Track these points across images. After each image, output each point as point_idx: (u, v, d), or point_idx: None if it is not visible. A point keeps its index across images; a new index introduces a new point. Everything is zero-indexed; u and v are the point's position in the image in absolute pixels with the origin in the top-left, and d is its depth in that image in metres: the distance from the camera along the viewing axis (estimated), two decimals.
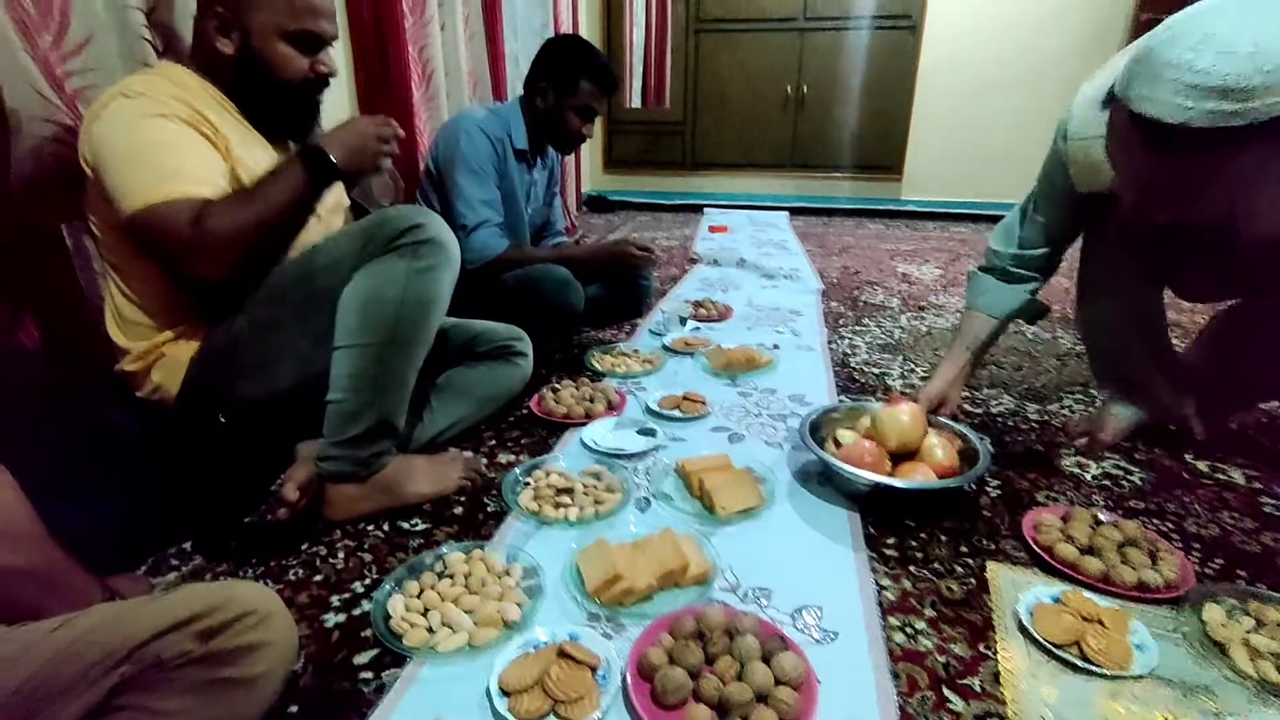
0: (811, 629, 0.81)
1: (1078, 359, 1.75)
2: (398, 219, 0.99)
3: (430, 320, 1.01)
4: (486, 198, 1.61)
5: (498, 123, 1.65)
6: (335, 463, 0.98)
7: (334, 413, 0.98)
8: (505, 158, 1.65)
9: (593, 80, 1.62)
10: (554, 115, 1.65)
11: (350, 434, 0.98)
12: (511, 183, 1.68)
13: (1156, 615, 0.84)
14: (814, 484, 1.13)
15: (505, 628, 0.79)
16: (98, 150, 0.90)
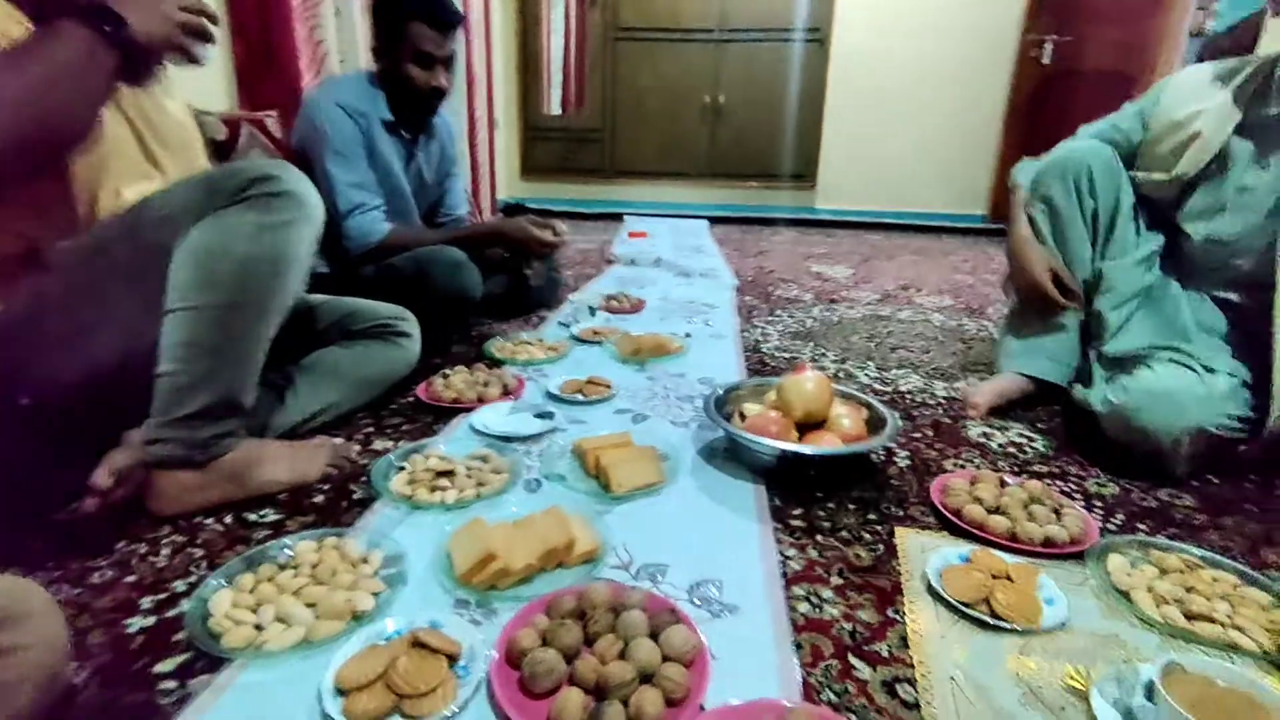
0: (710, 603, 0.73)
1: (981, 343, 1.78)
2: (248, 168, 0.86)
3: (283, 282, 0.88)
4: (356, 180, 1.46)
5: (357, 96, 1.48)
6: (165, 445, 0.84)
7: (165, 387, 0.83)
8: (372, 133, 1.49)
9: (421, 19, 1.43)
10: (395, 73, 1.47)
11: (184, 411, 0.83)
12: (386, 160, 1.52)
13: (1063, 570, 0.80)
14: (719, 460, 1.06)
15: (353, 620, 0.67)
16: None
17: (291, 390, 1.09)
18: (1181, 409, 0.97)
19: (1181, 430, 0.97)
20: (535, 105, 4.27)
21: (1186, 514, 0.95)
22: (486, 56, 3.52)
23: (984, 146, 4.01)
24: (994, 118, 3.96)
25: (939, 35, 3.87)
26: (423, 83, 1.47)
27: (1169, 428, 0.97)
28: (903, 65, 3.95)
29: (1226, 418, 0.98)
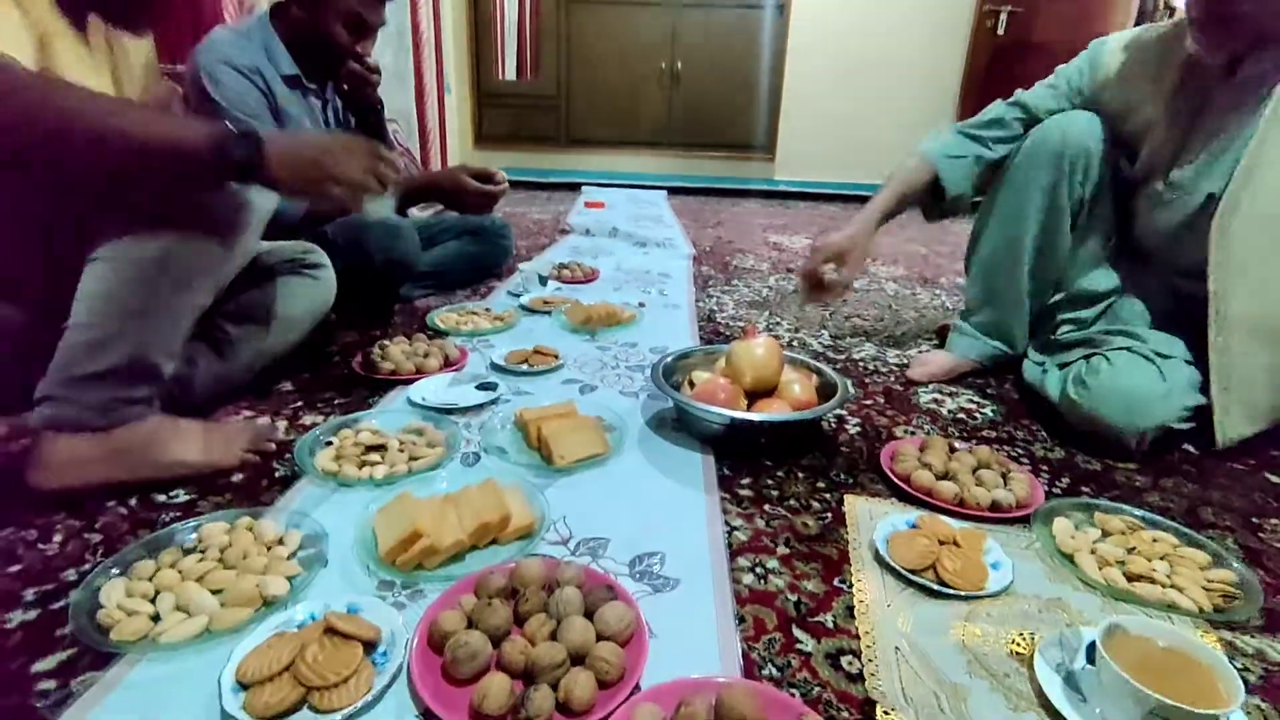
0: (650, 577, 0.70)
1: (935, 310, 1.78)
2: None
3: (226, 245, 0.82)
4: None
5: (250, 51, 1.28)
6: (60, 405, 0.76)
7: (71, 340, 0.76)
8: (271, 90, 1.30)
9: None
10: (312, 27, 1.30)
11: (90, 369, 0.76)
12: (295, 120, 1.35)
13: (1010, 534, 0.80)
14: (668, 430, 1.02)
15: (265, 606, 0.62)
16: None
17: (226, 339, 1.02)
18: (1145, 408, 0.96)
19: (1145, 429, 0.96)
20: (488, 71, 4.11)
21: (1128, 476, 0.96)
22: (434, 18, 3.37)
23: (941, 117, 4.01)
24: (950, 88, 3.97)
25: (897, 5, 3.84)
26: (346, 45, 1.32)
27: (1131, 426, 0.96)
28: (862, 35, 3.91)
29: (1185, 410, 0.98)
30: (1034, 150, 1.15)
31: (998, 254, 1.22)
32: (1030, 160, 1.15)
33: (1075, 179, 1.12)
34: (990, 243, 1.24)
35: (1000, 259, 1.22)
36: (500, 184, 1.62)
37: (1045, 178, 1.14)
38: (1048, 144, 1.13)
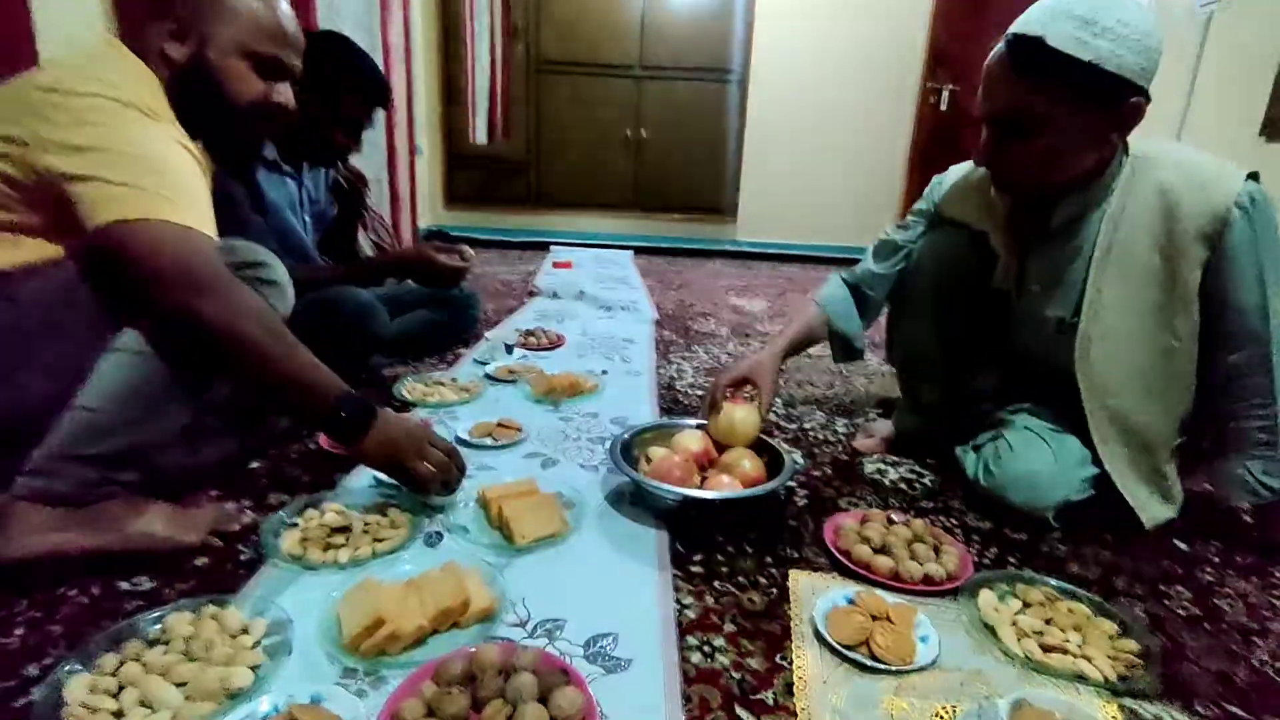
0: (603, 658, 0.74)
1: (883, 377, 1.87)
2: (244, 250, 0.92)
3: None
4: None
5: None
6: (50, 479, 0.79)
7: (81, 421, 0.80)
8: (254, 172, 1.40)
9: (364, 97, 1.46)
10: (313, 127, 1.42)
11: (88, 451, 0.80)
12: (272, 202, 1.42)
13: (940, 607, 0.86)
14: (626, 505, 1.07)
15: (229, 699, 0.64)
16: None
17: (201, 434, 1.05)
18: (1046, 489, 1.04)
19: (1047, 506, 1.05)
20: (459, 134, 4.23)
21: (1051, 546, 1.03)
22: (407, 83, 3.49)
23: (890, 182, 4.27)
24: (899, 157, 4.23)
25: (849, 81, 4.11)
26: (342, 144, 1.48)
27: (1035, 505, 1.05)
28: (817, 106, 4.16)
29: (1082, 483, 1.06)
30: (918, 269, 1.28)
31: (910, 356, 1.35)
32: (917, 279, 1.28)
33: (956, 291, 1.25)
34: (901, 346, 1.36)
35: (914, 359, 1.34)
36: (468, 260, 1.68)
37: (930, 293, 1.27)
38: (927, 265, 1.27)
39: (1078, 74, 0.90)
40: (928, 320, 1.29)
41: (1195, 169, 0.98)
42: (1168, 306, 1.00)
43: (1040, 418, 1.13)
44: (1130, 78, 0.90)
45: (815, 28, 4.04)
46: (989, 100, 0.98)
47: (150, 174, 0.79)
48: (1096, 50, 0.89)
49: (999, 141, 1.00)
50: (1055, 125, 0.94)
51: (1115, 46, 0.89)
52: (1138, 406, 1.05)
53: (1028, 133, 0.96)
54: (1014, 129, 0.97)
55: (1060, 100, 0.93)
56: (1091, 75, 0.90)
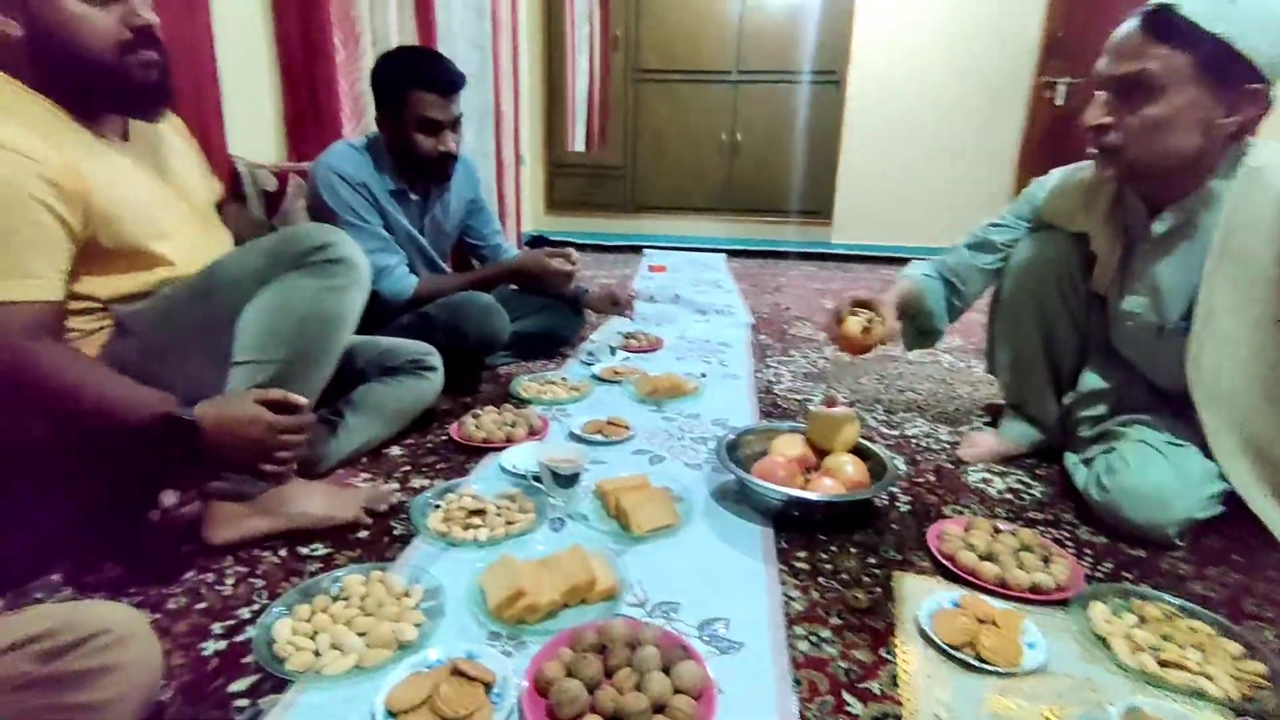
0: (717, 640, 0.80)
1: (988, 385, 1.83)
2: (307, 236, 0.96)
3: (336, 340, 0.99)
4: (375, 246, 1.48)
5: (355, 166, 1.50)
6: (225, 481, 0.93)
7: None
8: (377, 199, 1.52)
9: (422, 86, 1.43)
10: (401, 143, 1.49)
11: None
12: (398, 223, 1.57)
13: (1048, 615, 0.86)
14: (730, 502, 1.13)
15: (399, 649, 0.76)
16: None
17: (342, 425, 1.20)
18: (1164, 506, 1.01)
19: (1168, 524, 1.01)
20: (560, 142, 4.42)
21: (1172, 564, 1.01)
22: (514, 97, 3.68)
23: (998, 182, 4.08)
24: (1008, 155, 4.03)
25: (953, 77, 3.96)
26: (429, 149, 1.49)
27: (1157, 525, 1.01)
28: (918, 104, 4.04)
29: (1209, 500, 1.02)
30: (1018, 273, 1.28)
31: (1014, 364, 1.33)
32: (1017, 284, 1.28)
33: (1059, 295, 1.24)
34: (1004, 354, 1.34)
35: (1018, 367, 1.33)
36: (575, 263, 1.79)
37: (1031, 298, 1.26)
38: (1028, 268, 1.26)
39: (1205, 46, 0.90)
40: (1030, 327, 1.28)
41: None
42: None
43: (1156, 429, 1.09)
44: (1256, 61, 0.89)
45: (918, 25, 3.93)
46: (1111, 60, 0.99)
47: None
48: (1228, 24, 0.88)
49: (1110, 106, 1.00)
50: (1169, 94, 0.94)
51: (1247, 27, 0.88)
52: (1258, 417, 1.00)
53: (1141, 97, 0.96)
54: (1127, 90, 0.97)
55: (1179, 69, 0.92)
56: (1216, 50, 0.90)
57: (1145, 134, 0.97)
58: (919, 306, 1.33)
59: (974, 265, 1.33)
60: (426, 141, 1.49)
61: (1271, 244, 0.96)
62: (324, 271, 0.95)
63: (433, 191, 1.66)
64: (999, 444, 1.35)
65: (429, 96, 1.45)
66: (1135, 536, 1.05)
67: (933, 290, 1.33)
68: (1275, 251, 0.96)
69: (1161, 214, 1.05)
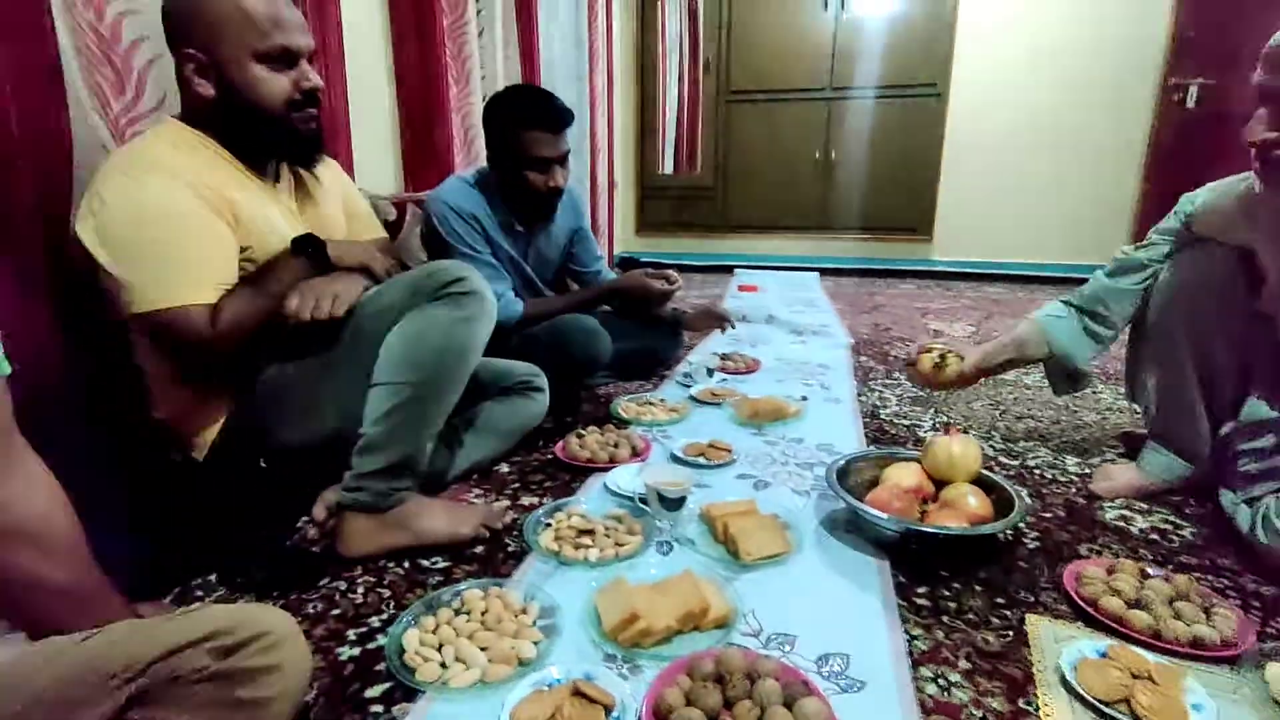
0: (837, 677, 0.77)
1: (1118, 413, 1.69)
2: (444, 272, 1.04)
3: (465, 367, 1.05)
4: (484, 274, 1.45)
5: (468, 196, 1.57)
6: (356, 494, 0.99)
7: (364, 446, 1.00)
8: (486, 230, 1.59)
9: (532, 126, 1.49)
10: (513, 180, 1.54)
11: (373, 467, 0.99)
12: (506, 253, 1.64)
13: (1212, 674, 0.78)
14: (841, 532, 1.09)
15: (519, 665, 0.78)
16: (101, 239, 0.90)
17: (459, 443, 1.26)
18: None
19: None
20: (651, 166, 4.49)
21: None
22: (608, 125, 3.79)
23: (1120, 193, 3.80)
24: (1129, 163, 3.75)
25: (1067, 85, 3.74)
26: (541, 185, 1.54)
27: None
28: (1025, 116, 3.83)
29: None
30: (1169, 290, 1.18)
31: (1162, 389, 1.22)
32: (1167, 301, 1.18)
33: (1217, 313, 1.13)
34: (1150, 378, 1.24)
35: (1166, 393, 1.22)
36: (675, 283, 1.81)
37: (1183, 317, 1.15)
38: (1182, 284, 1.16)
39: None
40: (1182, 349, 1.17)
41: None
42: None
43: None
44: None
45: (1024, 33, 3.74)
46: (1267, 72, 0.91)
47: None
48: None
49: (1275, 118, 0.91)
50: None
51: None
52: None
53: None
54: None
55: None
56: None
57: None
58: (1043, 350, 1.26)
59: (1116, 287, 1.24)
60: (538, 178, 1.54)
61: None
62: (457, 304, 1.02)
63: (538, 224, 1.72)
64: (1139, 477, 1.24)
65: (540, 135, 1.50)
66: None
67: (1058, 328, 1.27)
68: None
69: None
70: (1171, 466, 1.23)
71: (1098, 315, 1.25)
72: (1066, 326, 1.26)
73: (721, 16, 4.15)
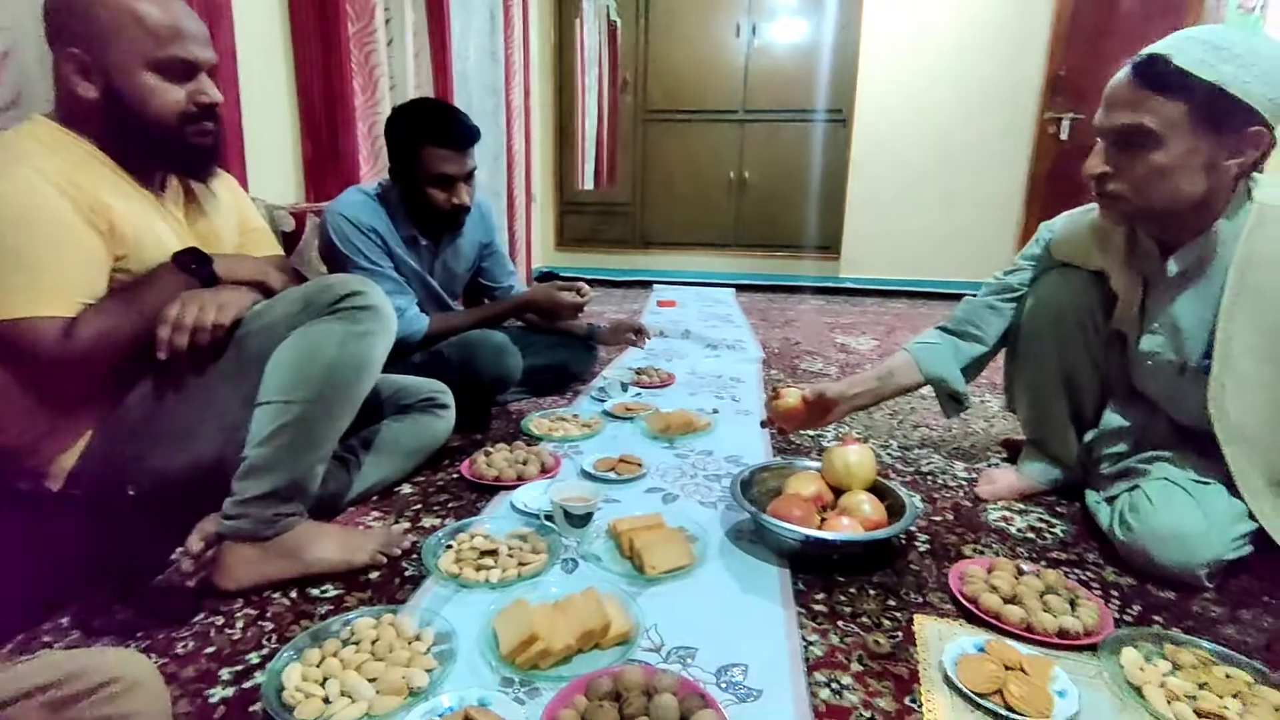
0: (736, 687, 0.78)
1: (1004, 420, 1.81)
2: (340, 285, 0.99)
3: (360, 384, 1.00)
4: (385, 289, 1.40)
5: (369, 210, 1.51)
6: (238, 521, 0.93)
7: (247, 469, 0.94)
8: (388, 243, 1.53)
9: (435, 142, 1.45)
10: (414, 196, 1.50)
11: (258, 492, 0.93)
12: (410, 267, 1.59)
13: (1077, 661, 0.84)
14: (746, 542, 1.11)
15: (410, 695, 0.74)
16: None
17: (355, 463, 1.20)
18: (1195, 547, 0.98)
19: (1197, 566, 0.98)
20: (570, 180, 4.50)
21: (1204, 607, 0.98)
22: (525, 137, 3.76)
23: (1006, 216, 4.11)
24: (1015, 189, 4.07)
25: (958, 114, 4.02)
26: (443, 203, 1.50)
27: (1184, 565, 0.99)
28: (923, 141, 4.09)
29: (1238, 540, 1.00)
30: (1036, 310, 1.28)
31: (1033, 401, 1.32)
32: (1035, 321, 1.28)
33: (1079, 331, 1.23)
34: (1023, 391, 1.33)
35: (1037, 404, 1.32)
36: (586, 295, 1.80)
37: (1050, 334, 1.25)
38: (1046, 304, 1.26)
39: (1200, 94, 0.91)
40: (1050, 365, 1.27)
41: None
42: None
43: (1180, 467, 1.07)
44: (1254, 104, 0.90)
45: (923, 63, 4.00)
46: (1108, 112, 0.99)
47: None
48: (1220, 73, 0.89)
49: (1110, 155, 1.00)
50: (1169, 142, 0.94)
51: (1242, 72, 0.89)
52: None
53: (1141, 147, 0.96)
54: (1126, 142, 0.98)
55: (1178, 117, 0.93)
56: (1213, 97, 0.90)
57: (1147, 183, 0.98)
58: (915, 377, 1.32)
59: (985, 307, 1.33)
60: (439, 195, 1.50)
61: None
62: (353, 318, 0.97)
63: (444, 237, 1.68)
64: (1018, 481, 1.32)
65: (442, 152, 1.47)
66: (1163, 578, 1.02)
67: (929, 354, 1.32)
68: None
69: (1174, 254, 1.05)
70: (1046, 470, 1.32)
71: (968, 334, 1.33)
72: (938, 352, 1.33)
73: (638, 37, 4.24)
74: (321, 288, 0.99)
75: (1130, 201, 1.01)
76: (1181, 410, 1.12)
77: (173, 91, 0.94)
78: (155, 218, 0.99)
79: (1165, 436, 1.16)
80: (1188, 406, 1.08)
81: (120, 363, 0.92)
